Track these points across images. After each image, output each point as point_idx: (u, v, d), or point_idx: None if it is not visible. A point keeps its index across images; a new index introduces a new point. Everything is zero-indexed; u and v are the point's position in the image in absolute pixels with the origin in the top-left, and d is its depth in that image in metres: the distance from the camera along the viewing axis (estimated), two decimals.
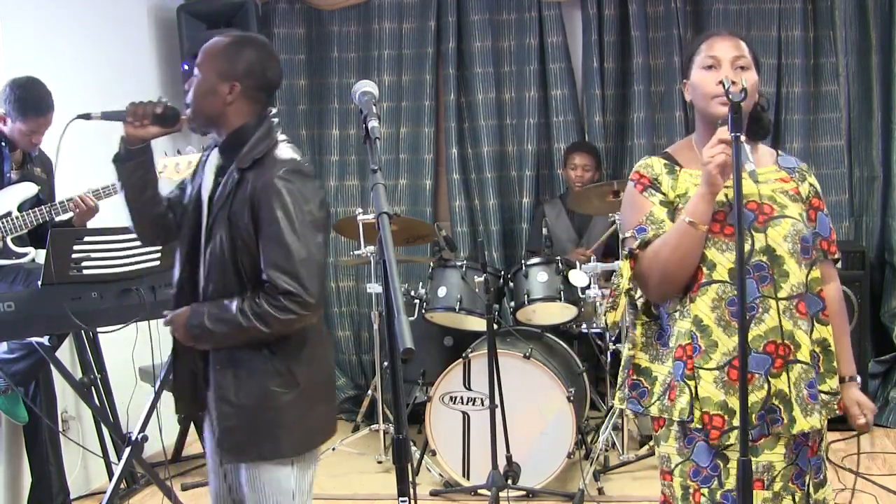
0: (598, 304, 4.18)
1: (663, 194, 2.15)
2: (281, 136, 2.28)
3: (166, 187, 2.50)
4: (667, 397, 2.11)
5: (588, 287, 4.10)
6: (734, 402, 2.02)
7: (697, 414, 2.04)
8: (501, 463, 3.70)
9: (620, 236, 2.20)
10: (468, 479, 4.04)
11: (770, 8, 5.09)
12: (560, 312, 4.33)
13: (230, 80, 2.21)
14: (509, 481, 3.68)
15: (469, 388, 4.06)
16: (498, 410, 3.69)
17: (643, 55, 5.17)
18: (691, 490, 2.10)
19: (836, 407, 2.13)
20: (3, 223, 3.50)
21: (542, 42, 5.31)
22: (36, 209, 3.54)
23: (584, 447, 4.17)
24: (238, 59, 2.22)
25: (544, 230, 4.49)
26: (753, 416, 2.02)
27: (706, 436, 2.04)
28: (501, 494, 3.61)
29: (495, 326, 3.77)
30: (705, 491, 2.08)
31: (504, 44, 5.40)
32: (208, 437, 2.43)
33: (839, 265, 2.27)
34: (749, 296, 2.02)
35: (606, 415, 4.24)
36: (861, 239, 5.08)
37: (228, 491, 2.39)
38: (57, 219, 3.58)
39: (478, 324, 4.29)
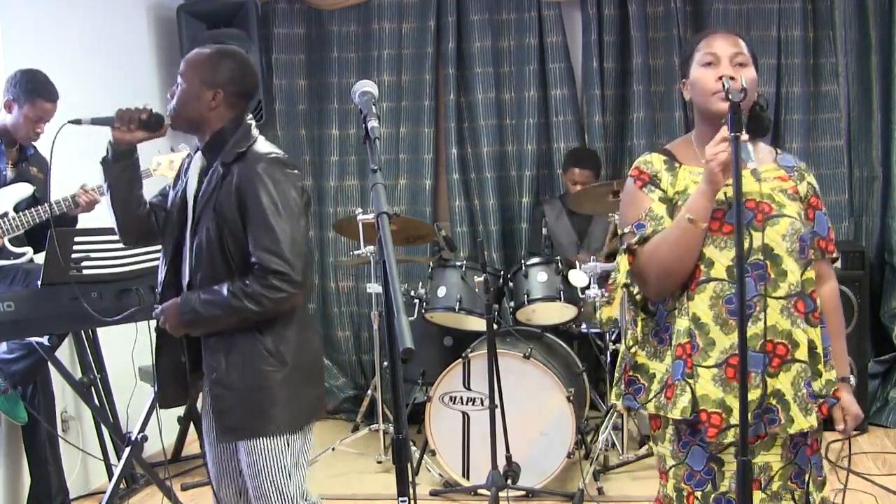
0: (597, 304, 4.17)
1: (663, 191, 2.14)
2: (258, 135, 2.48)
3: (160, 184, 2.64)
4: (663, 395, 2.10)
5: (588, 287, 4.09)
6: (731, 401, 2.02)
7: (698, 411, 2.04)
8: (501, 463, 3.69)
9: (619, 232, 2.19)
10: (468, 479, 4.04)
11: (770, 8, 5.09)
12: (560, 312, 4.33)
13: (214, 87, 2.42)
14: (509, 481, 3.68)
15: (469, 388, 4.06)
16: (498, 410, 3.68)
17: (643, 55, 5.17)
18: (685, 493, 2.11)
19: (819, 409, 2.09)
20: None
21: (542, 42, 5.31)
22: (32, 209, 3.53)
23: (583, 447, 4.16)
24: (220, 68, 2.44)
25: (544, 230, 4.48)
26: (749, 414, 2.01)
27: (704, 434, 2.04)
28: (501, 494, 3.60)
29: (495, 326, 3.77)
30: (699, 494, 2.09)
31: (504, 44, 5.39)
32: (206, 427, 2.56)
33: (838, 265, 2.27)
34: (747, 294, 2.02)
35: (606, 415, 4.24)
36: (861, 239, 5.07)
37: (237, 475, 2.53)
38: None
39: (477, 324, 4.29)
